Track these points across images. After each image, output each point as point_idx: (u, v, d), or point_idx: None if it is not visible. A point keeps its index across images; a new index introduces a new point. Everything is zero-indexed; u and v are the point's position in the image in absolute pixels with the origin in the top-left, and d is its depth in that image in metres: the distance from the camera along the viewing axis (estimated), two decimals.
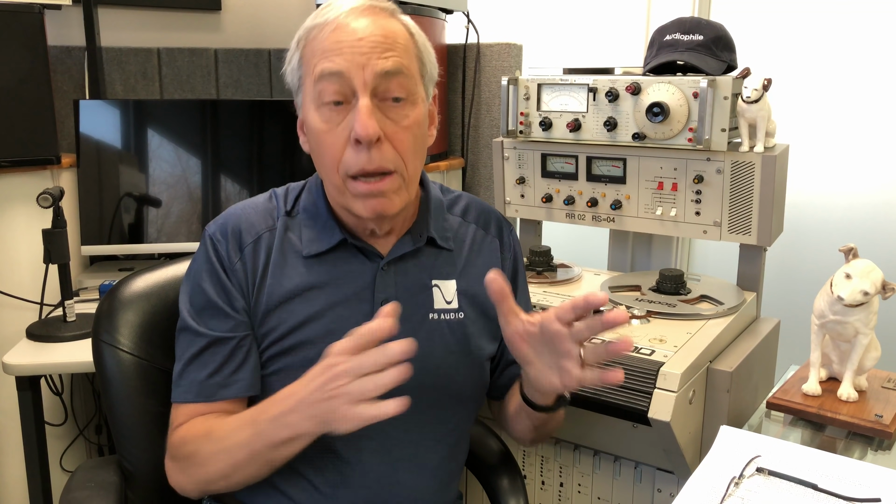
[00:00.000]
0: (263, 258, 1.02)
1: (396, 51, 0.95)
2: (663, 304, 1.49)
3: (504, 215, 1.81)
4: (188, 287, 1.04)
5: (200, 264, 1.03)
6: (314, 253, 1.02)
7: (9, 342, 1.67)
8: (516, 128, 1.71)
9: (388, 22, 0.97)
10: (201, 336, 1.01)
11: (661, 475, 1.40)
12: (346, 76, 0.93)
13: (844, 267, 1.18)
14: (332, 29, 0.95)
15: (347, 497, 1.01)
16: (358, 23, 0.95)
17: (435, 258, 1.09)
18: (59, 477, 1.89)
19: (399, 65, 0.94)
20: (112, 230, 1.93)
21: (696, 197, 1.57)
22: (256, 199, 1.09)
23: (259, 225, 1.04)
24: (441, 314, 1.06)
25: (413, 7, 1.97)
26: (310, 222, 1.05)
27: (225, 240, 1.02)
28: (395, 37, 0.96)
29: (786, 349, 1.66)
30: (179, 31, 2.24)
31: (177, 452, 1.00)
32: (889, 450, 1.16)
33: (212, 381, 1.00)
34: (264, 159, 2.02)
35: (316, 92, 0.95)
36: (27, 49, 1.76)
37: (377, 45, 0.94)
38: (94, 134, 1.91)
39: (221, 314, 1.01)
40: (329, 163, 0.97)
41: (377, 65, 0.93)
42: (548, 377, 0.94)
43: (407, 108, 0.96)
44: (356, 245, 1.03)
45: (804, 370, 1.31)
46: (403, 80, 0.95)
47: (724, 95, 1.48)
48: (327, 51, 0.94)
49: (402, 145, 0.96)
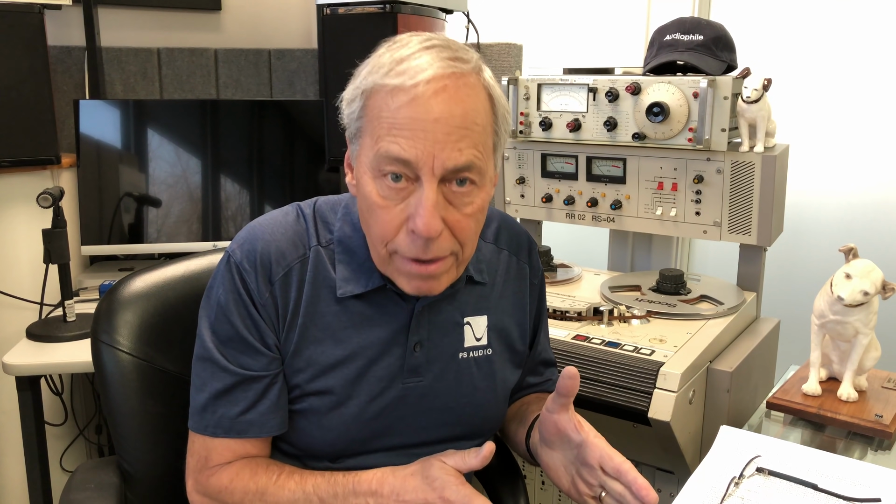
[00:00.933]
0: (295, 293, 0.94)
1: (473, 136, 0.84)
2: (663, 304, 1.49)
3: None
4: (211, 313, 0.96)
5: (227, 294, 0.94)
6: (350, 295, 0.95)
7: (9, 342, 1.67)
8: (516, 128, 1.71)
9: (470, 93, 0.85)
10: (229, 373, 0.94)
11: (661, 475, 1.40)
12: (414, 164, 0.83)
13: (844, 267, 1.18)
14: (409, 100, 0.82)
15: None
16: (436, 99, 0.82)
17: (469, 294, 1.03)
18: (59, 477, 1.89)
19: (472, 158, 0.84)
20: (112, 230, 1.93)
21: (696, 197, 1.57)
22: (283, 218, 0.99)
23: (289, 254, 0.95)
24: (470, 352, 1.02)
25: (413, 7, 1.97)
26: (345, 258, 0.96)
27: (254, 270, 0.93)
28: (475, 116, 0.85)
29: (786, 349, 1.66)
30: (179, 31, 2.24)
31: (217, 496, 0.95)
32: (889, 450, 1.16)
33: (244, 418, 0.94)
34: (264, 159, 2.02)
35: (376, 162, 0.85)
36: (27, 49, 1.76)
37: (453, 132, 0.82)
38: (94, 134, 1.91)
39: (252, 350, 0.94)
40: (378, 236, 0.88)
41: (450, 158, 0.82)
42: (559, 472, 0.95)
43: (473, 193, 0.87)
44: (396, 291, 0.95)
45: (804, 370, 1.31)
46: (475, 170, 0.86)
47: (724, 95, 1.47)
48: (397, 127, 0.83)
49: (464, 233, 0.88)
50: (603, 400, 1.27)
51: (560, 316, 1.48)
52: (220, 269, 0.96)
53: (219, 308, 0.95)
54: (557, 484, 0.96)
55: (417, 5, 1.99)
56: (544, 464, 0.98)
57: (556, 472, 0.96)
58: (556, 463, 0.96)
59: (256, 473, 0.94)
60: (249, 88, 2.29)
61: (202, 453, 0.97)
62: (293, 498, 0.91)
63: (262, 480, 0.93)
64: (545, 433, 0.96)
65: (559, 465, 0.95)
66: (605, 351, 1.32)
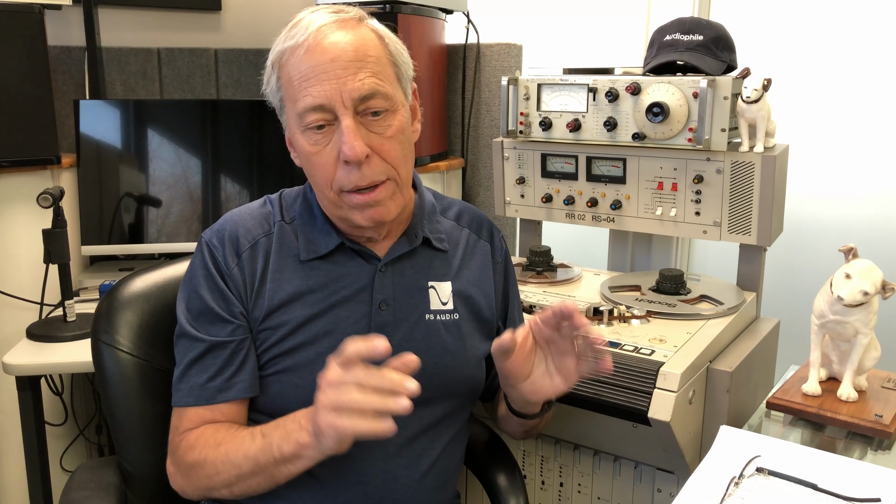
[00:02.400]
0: (262, 262, 1.04)
1: (369, 66, 0.96)
2: (663, 304, 1.49)
3: (504, 216, 1.82)
4: (185, 293, 1.05)
5: (197, 270, 1.04)
6: (312, 257, 1.04)
7: (9, 342, 1.67)
8: (516, 128, 1.71)
9: (358, 33, 0.98)
10: (200, 341, 1.02)
11: (661, 475, 1.40)
12: (328, 105, 0.95)
13: (844, 267, 1.18)
14: (304, 52, 0.96)
15: (343, 494, 1.02)
16: (328, 41, 0.96)
17: (430, 260, 1.11)
18: (59, 477, 1.89)
19: (374, 85, 0.96)
20: (112, 230, 1.93)
21: (695, 197, 1.57)
22: (251, 205, 1.11)
23: (256, 230, 1.06)
24: (437, 315, 1.08)
25: (413, 7, 1.97)
26: (306, 227, 1.07)
27: (222, 246, 1.04)
28: (367, 49, 0.97)
29: (786, 349, 1.66)
30: (179, 31, 2.25)
31: (183, 457, 1.01)
32: (889, 450, 1.16)
33: (211, 384, 1.01)
34: (264, 159, 2.02)
35: (298, 118, 0.97)
36: (27, 49, 1.76)
37: (350, 65, 0.95)
38: (94, 134, 1.91)
39: (219, 320, 1.02)
40: (322, 181, 0.99)
41: (353, 89, 0.95)
42: (547, 384, 1.00)
43: (388, 118, 0.98)
44: (353, 248, 1.06)
45: (804, 370, 1.31)
46: (380, 96, 0.97)
47: (724, 95, 1.47)
48: (304, 78, 0.95)
49: (391, 154, 0.98)
50: (603, 400, 1.27)
51: None
52: (195, 253, 1.07)
53: (191, 286, 1.04)
54: (556, 390, 1.01)
55: (417, 5, 1.99)
56: (533, 396, 1.03)
57: (546, 387, 1.01)
58: (537, 383, 1.01)
59: (218, 431, 1.00)
60: (249, 88, 2.29)
61: (175, 424, 1.03)
62: (242, 440, 0.96)
63: (222, 434, 0.99)
64: (514, 376, 1.02)
65: (541, 379, 1.01)
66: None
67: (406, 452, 1.05)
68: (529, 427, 1.16)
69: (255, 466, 0.94)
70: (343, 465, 1.01)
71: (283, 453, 0.92)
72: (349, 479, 1.02)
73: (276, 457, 0.93)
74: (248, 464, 0.95)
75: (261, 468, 0.94)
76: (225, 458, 0.96)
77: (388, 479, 1.03)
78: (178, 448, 1.02)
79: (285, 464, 0.93)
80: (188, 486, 1.01)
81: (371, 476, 1.02)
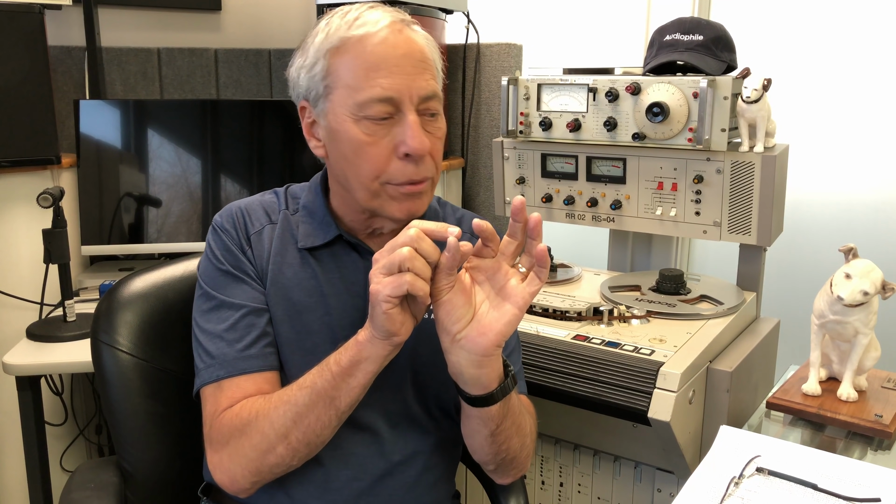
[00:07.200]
0: (267, 247, 1.06)
1: (430, 69, 1.00)
2: (663, 304, 1.49)
3: (504, 216, 1.82)
4: (203, 275, 1.06)
5: (213, 251, 1.06)
6: (310, 246, 1.06)
7: (9, 342, 1.67)
8: (516, 128, 1.71)
9: (416, 36, 1.00)
10: (227, 306, 1.02)
11: (661, 475, 1.40)
12: (397, 99, 0.96)
13: (844, 267, 1.18)
14: (378, 42, 0.96)
15: (340, 489, 1.02)
16: (398, 37, 0.97)
17: None
18: (59, 477, 1.89)
19: (435, 88, 0.99)
20: (112, 230, 1.93)
21: (695, 197, 1.57)
22: (258, 195, 1.13)
23: (262, 218, 1.09)
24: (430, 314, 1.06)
25: (413, 7, 1.97)
26: (308, 218, 1.09)
27: (233, 228, 1.06)
28: (426, 52, 1.00)
29: (786, 349, 1.66)
30: (179, 31, 2.25)
31: (229, 425, 0.96)
32: (889, 450, 1.16)
33: (247, 353, 1.00)
34: (264, 159, 2.02)
35: (357, 107, 0.96)
36: (27, 49, 1.76)
37: (419, 64, 0.97)
38: (94, 134, 1.91)
39: (249, 286, 1.04)
40: (368, 171, 0.99)
41: (421, 87, 0.97)
42: (494, 317, 0.90)
43: (439, 120, 1.02)
44: (350, 242, 1.07)
45: (804, 370, 1.31)
46: (437, 99, 1.00)
47: (724, 95, 1.47)
48: (372, 68, 0.95)
49: (438, 155, 1.02)
50: (603, 400, 1.27)
51: (560, 316, 1.48)
52: (207, 240, 1.08)
53: (208, 264, 1.06)
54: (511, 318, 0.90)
55: (417, 5, 1.99)
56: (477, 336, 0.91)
57: (497, 324, 0.90)
58: (485, 323, 0.90)
59: (263, 397, 0.98)
60: (249, 88, 2.29)
61: (212, 407, 1.00)
62: (291, 386, 0.95)
63: (265, 398, 0.97)
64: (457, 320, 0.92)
65: (489, 316, 0.90)
66: (604, 351, 1.32)
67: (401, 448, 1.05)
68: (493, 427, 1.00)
69: (313, 394, 0.92)
70: (339, 460, 1.02)
71: (341, 364, 0.91)
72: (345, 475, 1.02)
73: (334, 372, 0.91)
74: (303, 395, 0.92)
75: (319, 395, 0.92)
76: (277, 402, 0.94)
77: (384, 473, 1.04)
78: (220, 422, 0.97)
79: (346, 378, 0.91)
80: (236, 465, 0.96)
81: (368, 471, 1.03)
